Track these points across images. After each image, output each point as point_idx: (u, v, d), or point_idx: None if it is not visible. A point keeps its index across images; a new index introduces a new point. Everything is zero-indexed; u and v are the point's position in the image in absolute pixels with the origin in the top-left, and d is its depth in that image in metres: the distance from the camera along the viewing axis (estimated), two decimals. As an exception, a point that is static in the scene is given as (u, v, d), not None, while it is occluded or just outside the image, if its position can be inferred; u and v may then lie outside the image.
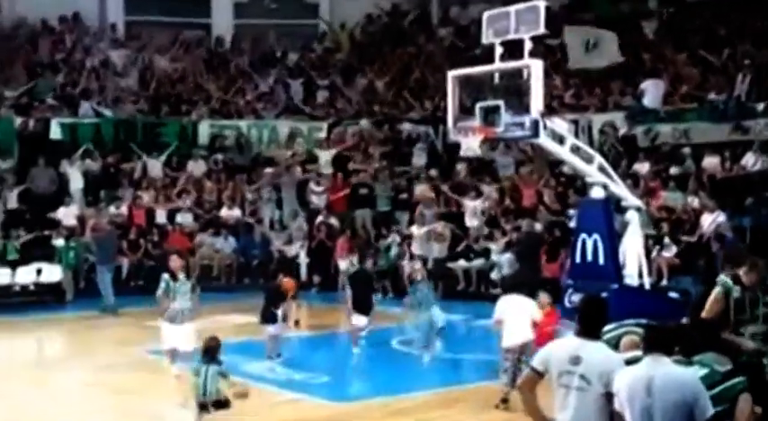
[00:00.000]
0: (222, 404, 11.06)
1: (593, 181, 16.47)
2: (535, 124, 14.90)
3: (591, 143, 22.90)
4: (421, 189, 26.01)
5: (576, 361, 6.99)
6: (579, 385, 6.95)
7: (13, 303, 22.23)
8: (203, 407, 11.01)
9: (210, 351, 11.14)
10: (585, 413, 6.93)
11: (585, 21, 28.55)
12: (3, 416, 12.88)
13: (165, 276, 14.10)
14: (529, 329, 12.77)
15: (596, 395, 6.90)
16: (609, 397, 6.86)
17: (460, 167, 26.46)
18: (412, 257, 22.74)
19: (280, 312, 16.11)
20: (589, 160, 16.44)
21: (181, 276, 14.14)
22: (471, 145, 16.02)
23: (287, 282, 16.87)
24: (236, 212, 26.57)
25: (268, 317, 16.00)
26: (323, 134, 29.10)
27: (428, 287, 16.26)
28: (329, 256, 24.95)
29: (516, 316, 12.87)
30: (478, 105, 15.53)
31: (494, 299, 14.49)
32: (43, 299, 22.55)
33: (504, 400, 12.61)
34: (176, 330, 14.15)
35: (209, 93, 30.20)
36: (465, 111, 15.94)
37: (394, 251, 24.33)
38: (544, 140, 15.44)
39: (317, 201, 26.93)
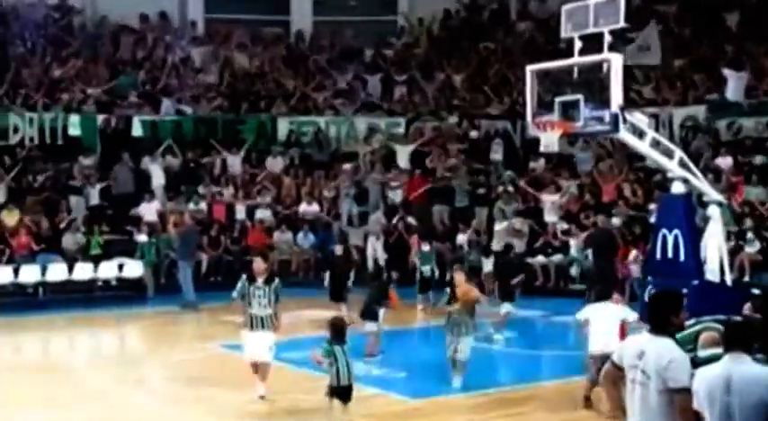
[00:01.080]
0: (348, 391, 10.79)
1: (673, 175, 16.21)
2: (615, 119, 14.68)
3: (671, 137, 22.58)
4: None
5: (640, 355, 6.97)
6: (641, 380, 6.93)
7: (96, 298, 22.60)
8: (338, 394, 10.75)
9: (342, 331, 10.83)
10: (647, 407, 6.89)
11: (666, 14, 28.14)
12: (90, 407, 13.08)
13: (243, 277, 13.30)
14: (615, 337, 12.40)
15: (655, 390, 6.82)
16: (672, 393, 6.74)
17: (539, 163, 26.28)
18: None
19: (381, 311, 16.08)
20: (669, 155, 16.17)
21: (260, 280, 13.11)
22: (550, 140, 15.81)
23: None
24: (315, 208, 26.70)
25: (370, 314, 15.94)
26: (401, 130, 29.07)
27: (462, 315, 14.76)
28: (407, 252, 24.94)
29: (603, 322, 12.64)
30: (557, 100, 15.35)
31: (572, 295, 14.35)
32: (124, 294, 22.87)
33: (587, 398, 12.47)
34: (253, 338, 13.19)
35: (288, 89, 30.36)
36: (543, 105, 15.76)
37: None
38: (624, 135, 15.21)
39: (395, 196, 26.93)
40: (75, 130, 26.43)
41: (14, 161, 25.42)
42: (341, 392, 10.83)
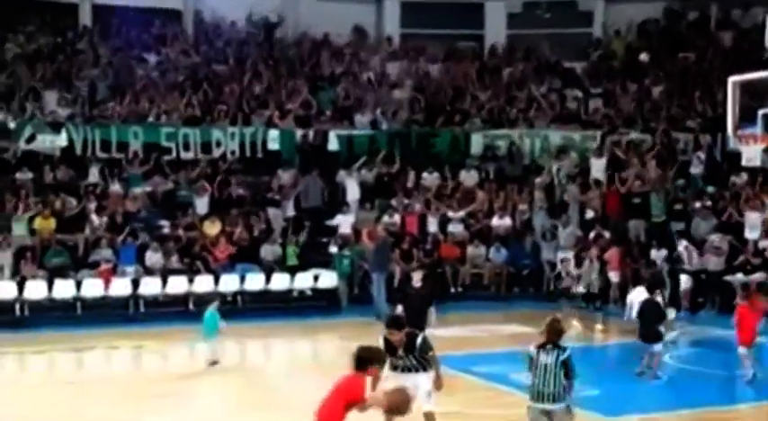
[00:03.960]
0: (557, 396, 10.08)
1: None
2: (822, 131, 14.09)
3: None
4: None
5: None
6: None
7: (291, 308, 23.05)
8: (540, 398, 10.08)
9: (558, 335, 10.05)
10: None
11: None
12: (286, 416, 13.35)
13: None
14: None
15: None
16: None
17: (740, 177, 25.41)
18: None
19: (662, 329, 15.86)
20: None
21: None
22: (753, 154, 15.30)
23: None
24: (507, 222, 26.55)
25: (653, 336, 15.63)
26: (596, 143, 28.62)
27: None
28: (603, 267, 24.44)
29: None
30: (761, 112, 14.85)
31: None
32: (319, 304, 23.26)
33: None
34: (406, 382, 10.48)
35: (482, 103, 30.35)
36: (746, 118, 15.26)
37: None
38: (832, 148, 14.57)
39: (589, 211, 26.50)
40: (274, 145, 27.11)
41: (216, 174, 26.25)
42: (545, 397, 10.50)
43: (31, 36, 29.65)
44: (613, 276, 23.49)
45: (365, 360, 8.63)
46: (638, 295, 17.75)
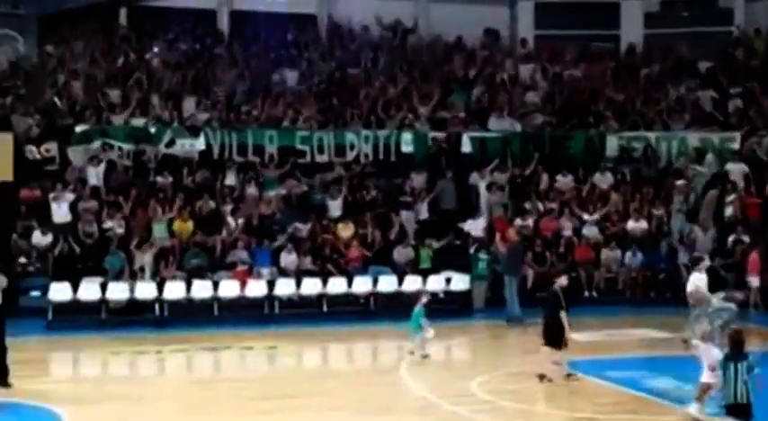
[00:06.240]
0: (744, 409, 10.29)
1: None
2: None
3: None
4: None
5: None
6: None
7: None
8: (734, 412, 10.36)
9: (741, 346, 10.40)
10: None
11: None
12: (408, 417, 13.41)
13: None
14: None
15: None
16: None
17: None
18: None
19: None
20: None
21: None
22: None
23: None
24: (643, 225, 26.10)
25: None
26: (735, 145, 27.92)
27: None
28: (743, 273, 23.81)
29: None
30: None
31: None
32: (452, 307, 23.23)
33: None
34: None
35: (618, 104, 29.91)
36: None
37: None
38: None
39: (728, 214, 25.87)
40: (407, 147, 27.22)
41: (350, 176, 26.50)
42: (737, 410, 10.41)
43: (171, 43, 30.48)
44: (753, 281, 22.88)
45: None
46: None
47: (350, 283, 23.17)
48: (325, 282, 23.03)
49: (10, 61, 28.26)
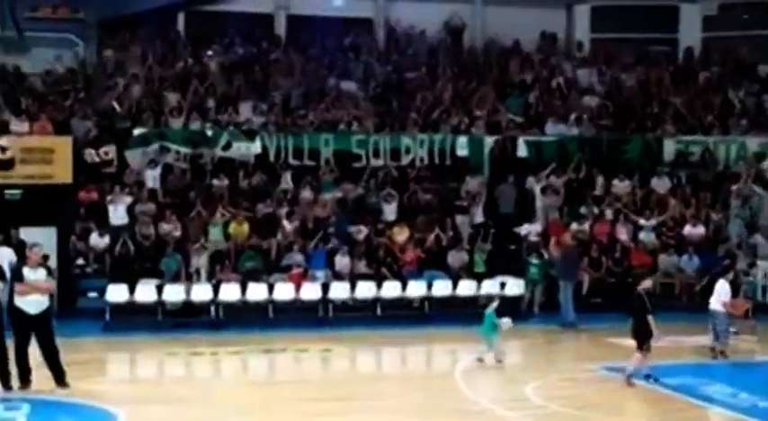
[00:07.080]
0: None
1: None
2: None
3: None
4: None
5: None
6: None
7: (478, 314, 22.92)
8: None
9: None
10: None
11: None
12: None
13: None
14: None
15: None
16: None
17: None
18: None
19: None
20: None
21: None
22: None
23: None
24: (701, 230, 25.82)
25: None
26: (796, 150, 27.59)
27: None
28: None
29: None
30: None
31: None
32: (505, 311, 23.08)
33: None
34: None
35: (676, 108, 29.64)
36: None
37: None
38: None
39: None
40: (462, 151, 27.18)
41: (405, 180, 26.50)
42: None
43: (228, 47, 30.70)
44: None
45: None
46: None
47: (404, 287, 23.16)
48: (379, 286, 23.05)
49: (69, 66, 28.63)
